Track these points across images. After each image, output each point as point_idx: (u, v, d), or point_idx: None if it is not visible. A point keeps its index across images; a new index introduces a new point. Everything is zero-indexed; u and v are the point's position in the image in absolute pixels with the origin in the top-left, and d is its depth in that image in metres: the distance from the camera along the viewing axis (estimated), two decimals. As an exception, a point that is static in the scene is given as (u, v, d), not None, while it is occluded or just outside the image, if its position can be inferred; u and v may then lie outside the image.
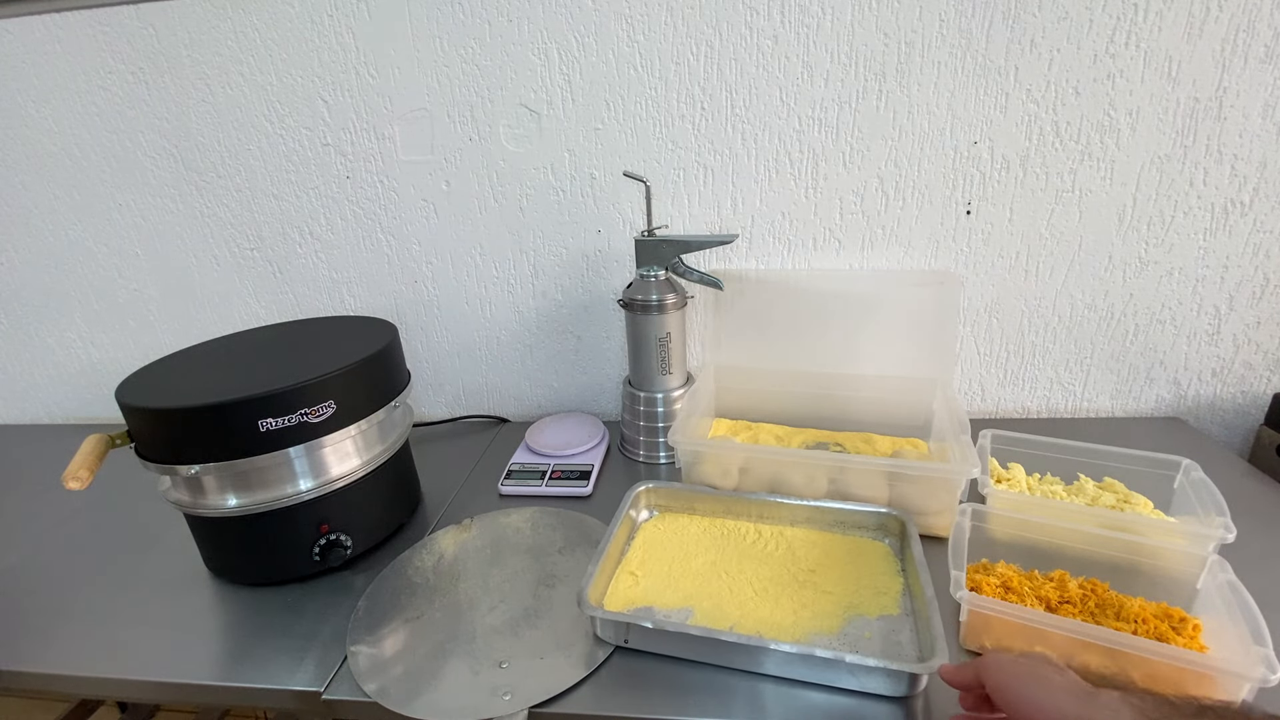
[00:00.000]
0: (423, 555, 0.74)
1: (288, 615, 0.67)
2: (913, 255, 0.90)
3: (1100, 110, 0.79)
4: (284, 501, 0.66)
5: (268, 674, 0.60)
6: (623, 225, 0.94)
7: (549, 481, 0.85)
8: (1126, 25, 0.76)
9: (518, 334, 1.03)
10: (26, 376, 1.18)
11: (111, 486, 0.74)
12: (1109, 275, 0.87)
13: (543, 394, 1.07)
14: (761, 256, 0.93)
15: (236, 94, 0.93)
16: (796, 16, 0.80)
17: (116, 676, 0.62)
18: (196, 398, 0.62)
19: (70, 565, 0.77)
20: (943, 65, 0.80)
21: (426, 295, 1.03)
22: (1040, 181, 0.84)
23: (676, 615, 0.60)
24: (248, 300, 1.07)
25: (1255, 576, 0.54)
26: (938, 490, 0.68)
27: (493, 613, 0.65)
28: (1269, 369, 0.89)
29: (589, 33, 0.84)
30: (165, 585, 0.73)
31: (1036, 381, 0.95)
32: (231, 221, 1.01)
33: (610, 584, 0.64)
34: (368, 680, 0.57)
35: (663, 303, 0.83)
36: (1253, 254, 0.84)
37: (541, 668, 0.57)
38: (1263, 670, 0.45)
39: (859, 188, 0.87)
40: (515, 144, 0.91)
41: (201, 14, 0.89)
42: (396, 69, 0.89)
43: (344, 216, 0.99)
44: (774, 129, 0.86)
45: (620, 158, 0.90)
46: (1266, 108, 0.77)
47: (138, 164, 0.99)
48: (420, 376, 1.08)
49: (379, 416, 0.72)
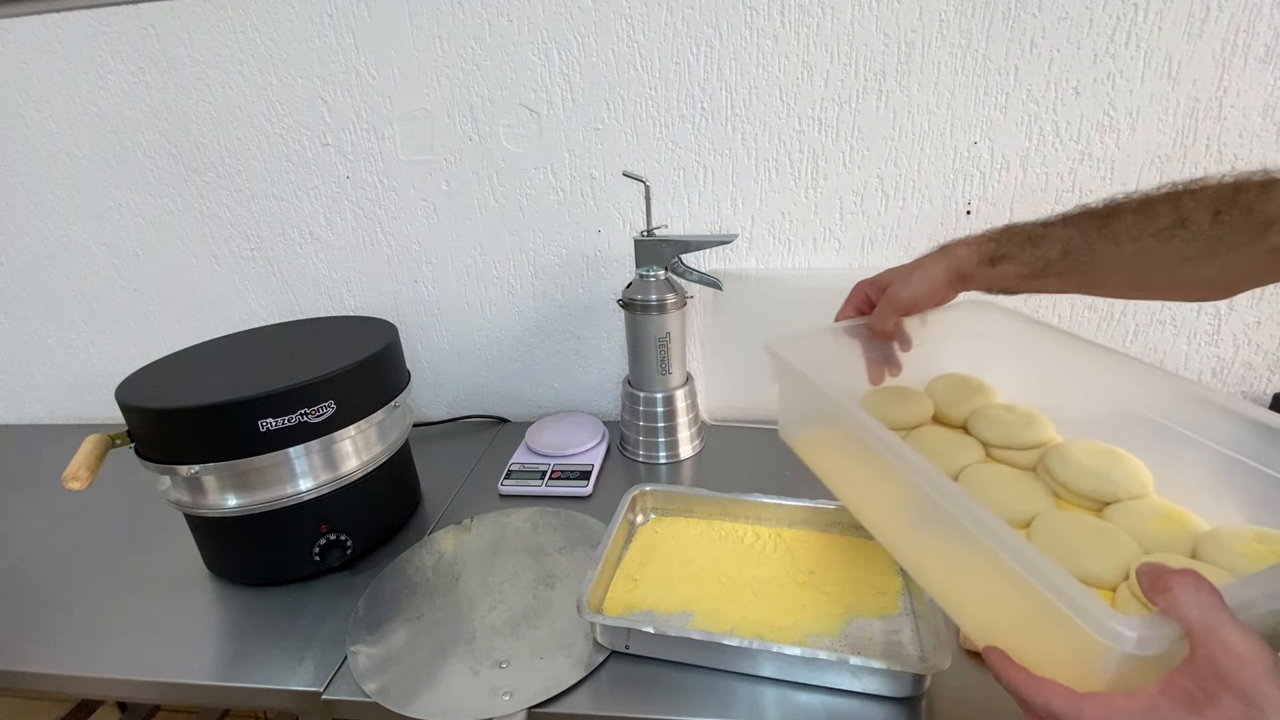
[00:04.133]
0: (423, 555, 0.74)
1: (288, 615, 0.67)
2: (913, 255, 0.88)
3: (1100, 110, 0.79)
4: (284, 501, 0.66)
5: (268, 674, 0.60)
6: (623, 225, 0.94)
7: (549, 481, 0.85)
8: (1126, 25, 0.76)
9: (518, 334, 1.03)
10: (26, 376, 1.18)
11: (111, 486, 0.74)
12: (1109, 275, 0.87)
13: (543, 394, 1.07)
14: (761, 256, 0.93)
15: (236, 94, 0.93)
16: (796, 16, 0.80)
17: (116, 676, 0.62)
18: (196, 398, 0.62)
19: (70, 565, 0.77)
20: (943, 65, 0.80)
21: (426, 295, 1.03)
22: (1040, 181, 0.84)
23: (676, 619, 0.60)
24: (248, 300, 1.07)
25: (1255, 577, 0.54)
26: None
27: (493, 613, 0.65)
28: (1269, 369, 0.89)
29: (589, 33, 0.84)
30: (165, 585, 0.73)
31: (1036, 381, 0.95)
32: (231, 222, 1.01)
33: (609, 588, 0.64)
34: (368, 680, 0.57)
35: (662, 303, 0.83)
36: (1253, 254, 0.84)
37: (541, 668, 0.57)
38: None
39: (859, 188, 0.87)
40: (515, 144, 0.91)
41: (201, 14, 0.89)
42: (396, 69, 0.89)
43: (344, 216, 0.99)
44: (774, 129, 0.86)
45: (620, 158, 0.90)
46: (1266, 108, 0.77)
47: (138, 164, 0.99)
48: (420, 376, 1.08)
49: (379, 416, 0.72)
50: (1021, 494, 0.48)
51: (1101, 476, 0.47)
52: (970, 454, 0.54)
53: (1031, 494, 0.48)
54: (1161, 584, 0.30)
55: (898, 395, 0.61)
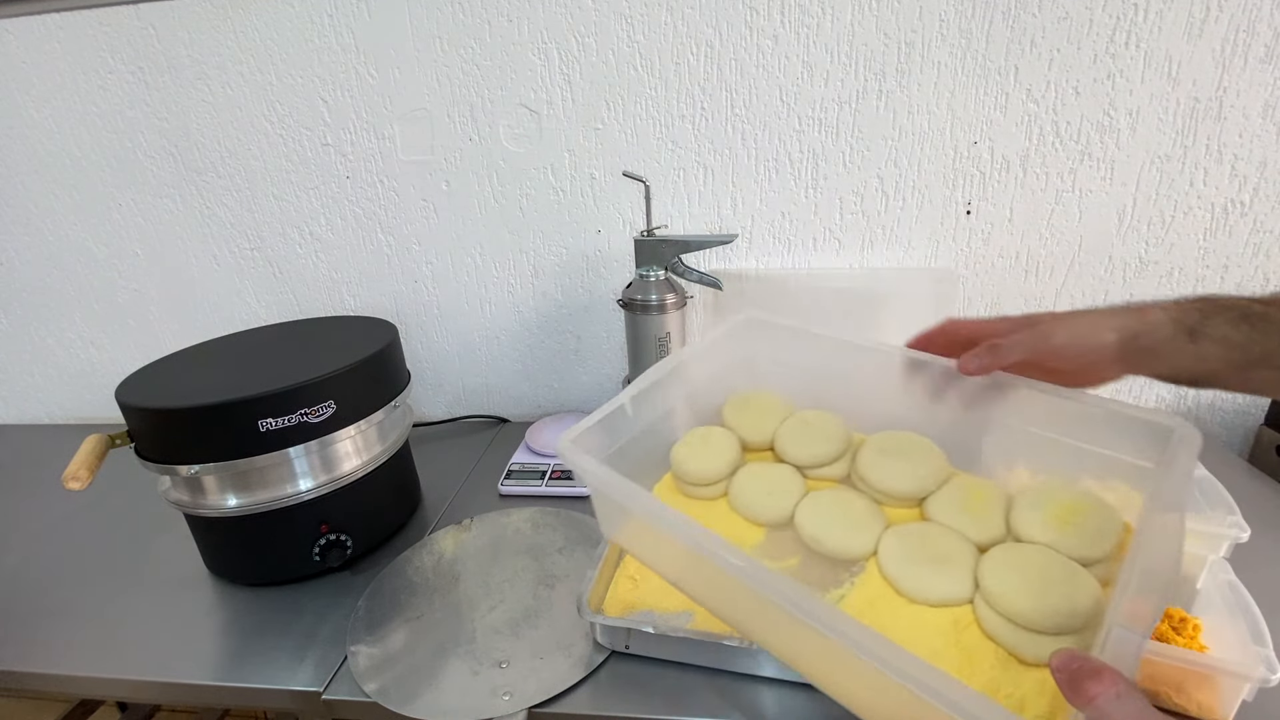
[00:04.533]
0: (423, 555, 0.74)
1: (288, 615, 0.67)
2: (913, 255, 0.90)
3: (1100, 110, 0.79)
4: (284, 501, 0.66)
5: (268, 674, 0.60)
6: (623, 225, 0.94)
7: (549, 481, 0.85)
8: (1126, 25, 0.76)
9: (518, 334, 1.03)
10: (26, 376, 1.18)
11: (111, 486, 0.74)
12: (1109, 275, 0.87)
13: (543, 394, 1.07)
14: (761, 256, 0.93)
15: (236, 94, 0.93)
16: (796, 16, 0.80)
17: (116, 676, 0.62)
18: (196, 398, 0.62)
19: (70, 565, 0.77)
20: (943, 65, 0.80)
21: (426, 295, 1.03)
22: (1040, 181, 0.84)
23: (676, 619, 0.60)
24: (248, 300, 1.07)
25: (1255, 576, 0.54)
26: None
27: (493, 613, 0.65)
28: (1269, 369, 0.89)
29: (589, 33, 0.84)
30: (165, 585, 0.73)
31: (1036, 381, 0.95)
32: (231, 221, 1.01)
33: (609, 588, 0.64)
34: (367, 680, 0.57)
35: (662, 303, 0.83)
36: (1253, 254, 0.84)
37: (541, 668, 0.57)
38: (1263, 670, 0.45)
39: (859, 188, 0.87)
40: (515, 144, 0.91)
41: (201, 14, 0.89)
42: (396, 69, 0.89)
43: (344, 216, 0.99)
44: (774, 129, 0.86)
45: (620, 158, 0.90)
46: (1266, 108, 0.77)
47: (138, 164, 0.99)
48: (420, 376, 1.08)
49: (379, 416, 0.72)
50: (855, 522, 0.46)
51: (913, 476, 0.48)
52: (792, 486, 0.50)
53: (861, 515, 0.47)
54: (1083, 693, 0.28)
55: (702, 441, 0.54)
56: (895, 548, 0.44)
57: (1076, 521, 0.42)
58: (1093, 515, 0.42)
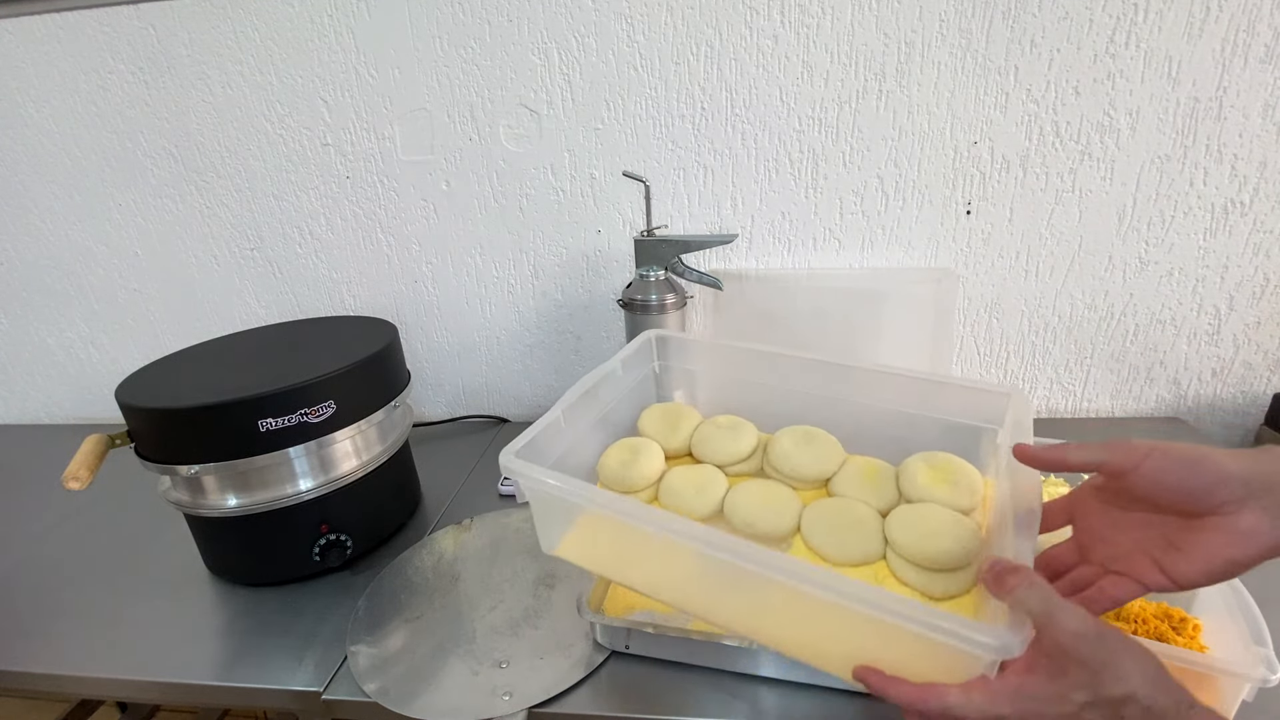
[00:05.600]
0: (423, 555, 0.74)
1: (288, 615, 0.67)
2: (913, 255, 0.90)
3: (1100, 110, 0.79)
4: (284, 501, 0.66)
5: (267, 674, 0.60)
6: (623, 225, 0.94)
7: (549, 481, 0.84)
8: (1126, 25, 0.76)
9: (518, 334, 1.03)
10: (26, 376, 1.18)
11: (111, 486, 0.73)
12: (1109, 275, 0.87)
13: (543, 394, 1.07)
14: (761, 256, 0.93)
15: (236, 94, 0.93)
16: (796, 16, 0.80)
17: (116, 676, 0.62)
18: (196, 398, 0.62)
19: (70, 565, 0.77)
20: (943, 65, 0.80)
21: (426, 295, 1.03)
22: (1040, 181, 0.84)
23: (676, 619, 0.60)
24: (248, 300, 1.07)
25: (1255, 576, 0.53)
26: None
27: (493, 613, 0.65)
28: (1269, 369, 0.89)
29: (589, 33, 0.84)
30: (165, 585, 0.73)
31: (1036, 381, 0.95)
32: (231, 221, 1.01)
33: (609, 588, 0.64)
34: (367, 680, 0.57)
35: (662, 303, 0.83)
36: (1253, 254, 0.84)
37: (541, 668, 0.57)
38: (1263, 670, 0.45)
39: (859, 188, 0.87)
40: (515, 144, 0.91)
41: (201, 14, 0.89)
42: (396, 69, 0.89)
43: (344, 216, 0.99)
44: (774, 129, 0.86)
45: (620, 158, 0.90)
46: (1266, 108, 0.77)
47: (138, 164, 0.99)
48: (420, 376, 1.08)
49: (379, 416, 0.72)
50: (778, 506, 0.53)
51: (818, 461, 0.56)
52: (717, 482, 0.56)
53: (781, 500, 0.53)
54: (1003, 584, 0.35)
55: (630, 451, 0.58)
56: (815, 522, 0.51)
57: (951, 480, 0.52)
58: (962, 474, 0.52)
